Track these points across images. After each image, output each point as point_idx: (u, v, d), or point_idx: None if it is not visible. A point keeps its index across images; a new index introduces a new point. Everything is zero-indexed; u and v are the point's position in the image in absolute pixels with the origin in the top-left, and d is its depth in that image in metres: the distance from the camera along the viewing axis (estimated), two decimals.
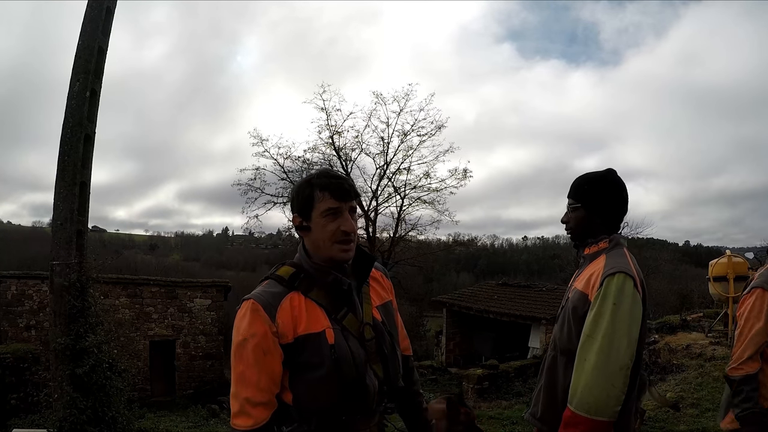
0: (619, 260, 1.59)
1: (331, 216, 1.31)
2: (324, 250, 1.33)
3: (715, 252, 28.65)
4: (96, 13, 5.11)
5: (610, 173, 1.72)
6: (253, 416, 1.26)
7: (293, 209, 1.38)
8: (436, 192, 19.53)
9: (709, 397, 5.17)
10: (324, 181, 1.33)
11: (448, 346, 14.41)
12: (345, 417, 1.31)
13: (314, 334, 1.29)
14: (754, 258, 8.36)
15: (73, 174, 4.97)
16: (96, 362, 4.72)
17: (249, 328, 1.26)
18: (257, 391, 1.26)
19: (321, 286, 1.34)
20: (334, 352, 1.28)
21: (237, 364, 1.27)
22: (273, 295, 1.30)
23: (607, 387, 1.45)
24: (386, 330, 1.42)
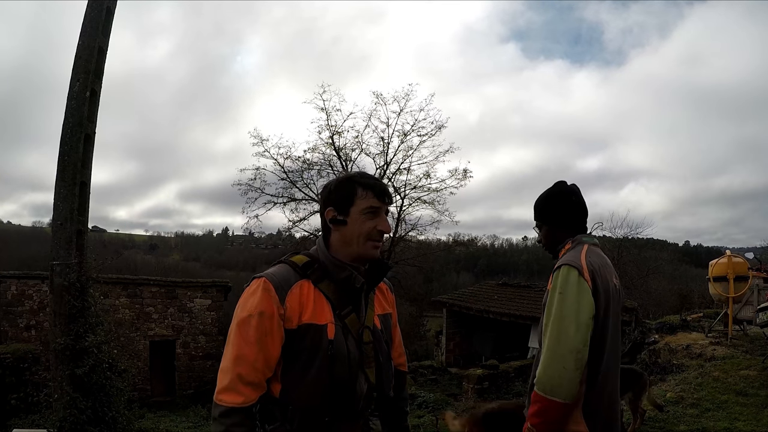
0: (570, 255, 1.72)
1: (370, 214, 1.35)
2: (356, 246, 1.35)
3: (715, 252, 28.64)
4: (96, 13, 5.11)
5: (558, 186, 1.90)
6: (244, 394, 1.24)
7: (328, 202, 1.37)
8: (436, 192, 19.52)
9: (709, 397, 5.17)
10: (368, 181, 1.38)
11: (448, 346, 14.40)
12: (328, 418, 1.30)
13: (317, 326, 1.29)
14: (754, 258, 8.37)
15: (73, 174, 4.97)
16: (96, 362, 4.72)
17: (257, 306, 1.25)
18: (252, 369, 1.24)
19: (332, 280, 1.34)
20: (332, 348, 1.28)
21: (237, 339, 1.25)
22: (285, 278, 1.30)
23: (559, 369, 1.55)
24: (383, 339, 1.42)
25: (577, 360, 1.55)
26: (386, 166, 19.48)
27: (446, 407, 8.17)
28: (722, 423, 4.44)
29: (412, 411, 8.42)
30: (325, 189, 1.42)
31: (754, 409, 4.69)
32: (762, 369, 5.73)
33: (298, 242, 20.08)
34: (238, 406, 1.24)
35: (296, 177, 19.07)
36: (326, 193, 1.40)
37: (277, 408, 1.30)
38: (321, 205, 1.42)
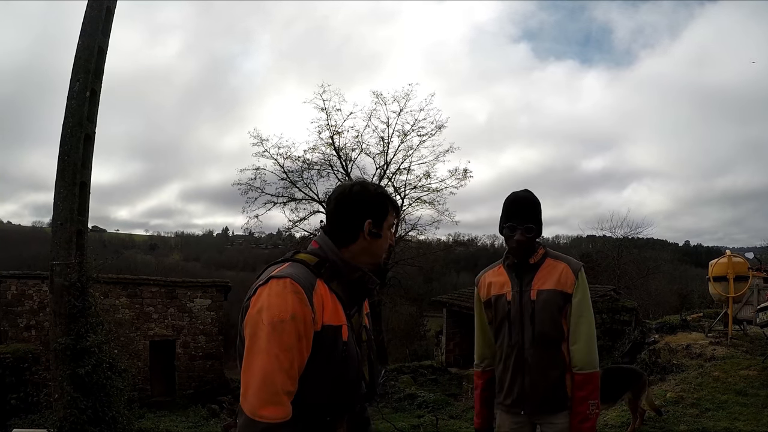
0: (569, 258, 2.15)
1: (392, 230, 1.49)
2: (378, 258, 1.45)
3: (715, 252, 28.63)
4: (96, 13, 5.11)
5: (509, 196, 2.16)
6: (286, 405, 1.18)
7: (367, 215, 1.38)
8: (436, 192, 19.53)
9: (709, 397, 5.17)
10: (394, 201, 1.50)
11: (448, 346, 14.40)
12: (330, 417, 1.29)
13: (334, 327, 1.27)
14: (754, 258, 8.37)
15: (73, 174, 4.97)
16: (96, 362, 4.72)
17: (290, 309, 1.19)
18: (289, 378, 1.18)
19: (341, 281, 1.33)
20: (345, 350, 1.28)
21: (268, 345, 1.17)
22: (308, 279, 1.26)
23: (595, 346, 2.05)
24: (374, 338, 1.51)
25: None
26: (386, 166, 19.49)
27: (446, 407, 8.18)
28: (722, 423, 4.44)
29: (412, 411, 8.42)
30: (359, 200, 1.40)
31: (754, 409, 4.69)
32: (762, 369, 5.73)
33: (298, 242, 20.07)
34: (282, 420, 1.17)
35: (296, 177, 19.08)
36: (362, 204, 1.39)
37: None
38: (353, 212, 1.39)
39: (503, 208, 2.14)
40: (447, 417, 6.99)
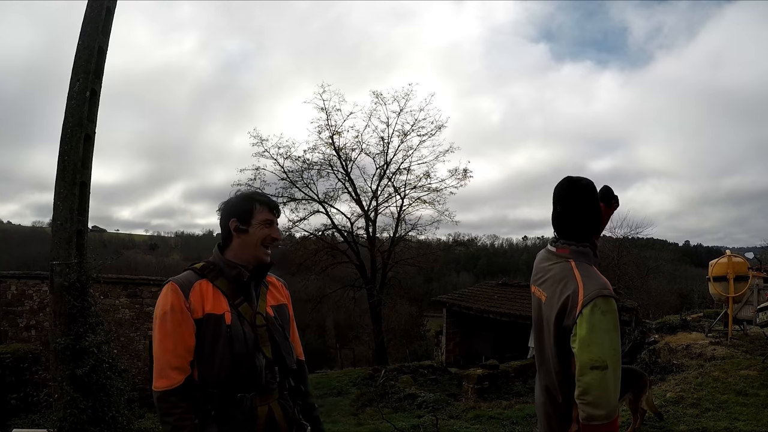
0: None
1: (266, 225, 1.68)
2: (253, 250, 1.67)
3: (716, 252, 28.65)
4: (96, 13, 5.11)
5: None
6: (170, 377, 1.51)
7: (232, 214, 1.67)
8: (436, 192, 19.54)
9: (709, 397, 5.17)
10: (263, 198, 1.73)
11: (448, 346, 14.40)
12: (240, 394, 1.56)
13: (216, 315, 1.57)
14: (754, 258, 8.37)
15: (73, 174, 4.96)
16: (96, 362, 4.71)
17: (168, 303, 1.54)
18: (174, 356, 1.51)
19: (225, 277, 1.64)
20: (230, 331, 1.56)
21: (157, 333, 1.53)
22: (187, 279, 1.61)
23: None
24: (278, 323, 1.71)
25: None
26: (386, 165, 19.50)
27: (446, 407, 8.17)
28: (722, 423, 4.44)
29: (412, 411, 8.42)
30: (227, 204, 1.71)
31: (754, 409, 4.69)
32: (762, 369, 5.73)
33: (298, 242, 20.08)
34: (168, 388, 1.51)
35: (296, 177, 19.08)
36: (227, 208, 1.70)
37: (198, 390, 1.55)
38: (222, 217, 1.70)
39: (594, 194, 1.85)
40: (447, 417, 6.99)
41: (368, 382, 11.73)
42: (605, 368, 1.56)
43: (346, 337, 25.76)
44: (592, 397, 1.56)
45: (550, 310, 1.76)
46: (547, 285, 1.81)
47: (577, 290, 1.66)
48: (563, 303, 1.68)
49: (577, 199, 1.79)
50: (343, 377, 13.03)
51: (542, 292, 1.83)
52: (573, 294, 1.66)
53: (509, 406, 7.19)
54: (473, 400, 8.88)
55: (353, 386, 11.72)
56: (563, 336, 1.68)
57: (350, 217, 19.87)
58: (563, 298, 1.68)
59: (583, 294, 1.64)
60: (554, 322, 1.71)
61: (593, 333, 1.58)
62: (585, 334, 1.59)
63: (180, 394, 1.51)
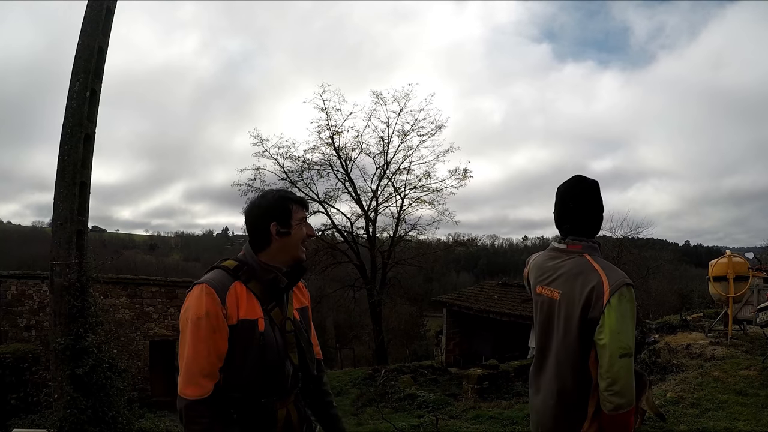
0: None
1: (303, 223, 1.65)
2: (293, 251, 1.62)
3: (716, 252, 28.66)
4: (96, 13, 5.11)
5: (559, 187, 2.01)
6: (202, 385, 1.46)
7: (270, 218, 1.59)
8: (436, 192, 19.54)
9: (709, 397, 5.17)
10: (295, 196, 1.68)
11: (448, 346, 14.39)
12: (264, 399, 1.55)
13: (251, 321, 1.52)
14: (754, 258, 8.36)
15: (73, 174, 4.97)
16: (96, 362, 4.71)
17: (204, 307, 1.46)
18: (207, 363, 1.46)
19: (259, 281, 1.58)
20: (263, 339, 1.52)
21: (190, 338, 1.46)
22: (222, 281, 1.53)
23: None
24: (303, 328, 1.69)
25: None
26: (386, 165, 19.49)
27: (446, 407, 8.17)
28: (722, 423, 4.44)
29: (412, 411, 8.42)
30: (260, 207, 1.63)
31: (754, 409, 4.69)
32: (762, 369, 5.73)
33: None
34: (199, 398, 1.45)
35: (296, 177, 19.07)
36: (264, 211, 1.61)
37: (221, 395, 1.51)
38: (258, 220, 1.61)
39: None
40: (447, 417, 6.99)
41: (368, 382, 11.73)
42: (631, 355, 1.60)
43: (346, 337, 25.75)
44: (620, 386, 1.59)
45: (570, 305, 1.72)
46: (560, 282, 1.79)
47: (601, 281, 1.67)
48: (588, 296, 1.67)
49: (590, 196, 1.84)
50: (343, 377, 13.03)
51: (554, 290, 1.79)
52: (597, 285, 1.66)
53: (509, 406, 7.19)
54: (473, 400, 8.88)
55: (353, 386, 11.72)
56: (588, 330, 1.67)
57: (350, 217, 19.90)
58: (587, 291, 1.67)
59: (608, 284, 1.65)
60: (579, 317, 1.69)
61: (622, 321, 1.61)
62: (614, 323, 1.60)
63: (208, 403, 1.47)
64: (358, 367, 17.43)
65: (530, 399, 1.93)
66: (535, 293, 1.85)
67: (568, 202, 1.84)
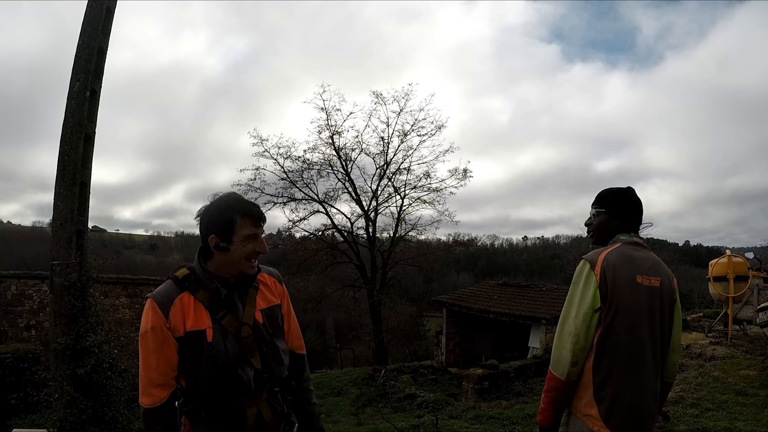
0: (596, 251, 1.88)
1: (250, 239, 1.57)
2: (237, 266, 1.58)
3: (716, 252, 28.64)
4: (96, 13, 5.11)
5: (629, 189, 2.06)
6: (154, 395, 1.52)
7: (211, 230, 1.56)
8: (436, 192, 19.54)
9: (709, 397, 5.17)
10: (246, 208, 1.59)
11: (448, 346, 14.40)
12: (228, 399, 1.57)
13: (198, 332, 1.53)
14: (754, 258, 8.37)
15: (73, 174, 4.97)
16: (96, 362, 4.72)
17: (150, 323, 1.52)
18: (157, 374, 1.52)
19: (206, 290, 1.57)
20: (211, 348, 1.53)
21: (141, 351, 1.53)
22: (168, 294, 1.55)
23: (560, 348, 1.77)
24: (266, 331, 1.64)
25: (573, 343, 1.73)
26: (386, 165, 19.49)
27: (446, 407, 8.17)
28: (722, 423, 4.44)
29: (412, 411, 8.42)
30: (205, 215, 1.59)
31: (754, 409, 4.69)
32: (762, 369, 5.73)
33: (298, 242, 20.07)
34: (151, 406, 1.52)
35: (296, 177, 19.06)
36: (205, 221, 1.58)
37: (188, 395, 1.58)
38: (202, 231, 1.58)
39: None
40: (447, 417, 6.99)
41: (368, 382, 11.74)
42: None
43: (346, 337, 25.75)
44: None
45: (670, 292, 1.89)
46: (654, 270, 1.88)
47: (671, 274, 1.92)
48: (674, 285, 1.92)
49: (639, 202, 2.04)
50: (343, 377, 13.03)
51: (653, 278, 1.86)
52: (672, 276, 1.93)
53: (509, 406, 7.20)
54: (473, 400, 8.88)
55: (353, 386, 11.72)
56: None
57: (350, 217, 19.89)
58: (673, 280, 1.92)
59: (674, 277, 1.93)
60: (674, 303, 1.89)
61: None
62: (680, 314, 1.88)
63: (163, 411, 1.53)
64: (358, 367, 17.44)
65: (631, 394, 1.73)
66: (638, 282, 1.83)
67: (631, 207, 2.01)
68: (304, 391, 1.81)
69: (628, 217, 2.00)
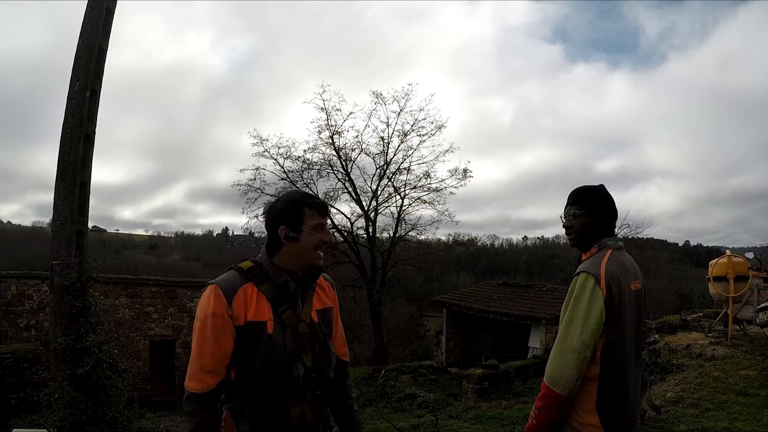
0: (592, 262, 1.83)
1: (318, 229, 1.62)
2: (306, 257, 1.62)
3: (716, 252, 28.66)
4: (96, 13, 5.10)
5: (602, 187, 2.01)
6: (205, 381, 1.53)
7: (280, 221, 1.61)
8: (436, 192, 19.54)
9: (709, 397, 5.17)
10: (313, 200, 1.64)
11: (448, 346, 14.40)
12: (275, 397, 1.57)
13: (258, 323, 1.55)
14: (754, 258, 8.37)
15: (73, 174, 4.96)
16: (96, 362, 4.71)
17: (211, 308, 1.52)
18: (210, 360, 1.52)
19: (272, 283, 1.60)
20: (270, 341, 1.55)
21: (197, 336, 1.53)
22: (232, 283, 1.57)
23: (561, 365, 1.73)
24: (320, 330, 1.68)
25: (578, 359, 1.71)
26: (386, 165, 19.48)
27: (446, 407, 8.17)
28: (722, 423, 4.44)
29: (412, 411, 8.42)
30: (272, 209, 1.65)
31: (754, 409, 4.69)
32: (762, 369, 5.73)
33: None
34: (199, 392, 1.53)
35: (296, 177, 19.05)
36: (275, 214, 1.64)
37: (234, 389, 1.57)
38: (270, 223, 1.63)
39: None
40: (447, 417, 6.99)
41: (368, 382, 11.73)
42: None
43: (346, 337, 25.73)
44: None
45: (646, 291, 1.97)
46: (636, 273, 1.93)
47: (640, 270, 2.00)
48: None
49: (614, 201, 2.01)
50: None
51: (637, 282, 1.90)
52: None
53: (509, 406, 7.20)
54: (473, 400, 8.89)
55: (353, 386, 11.72)
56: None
57: (350, 217, 19.89)
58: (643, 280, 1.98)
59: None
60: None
61: None
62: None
63: (209, 398, 1.54)
64: (358, 367, 17.42)
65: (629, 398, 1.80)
66: (631, 289, 1.85)
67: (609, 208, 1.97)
68: (346, 397, 1.84)
69: (609, 218, 1.96)
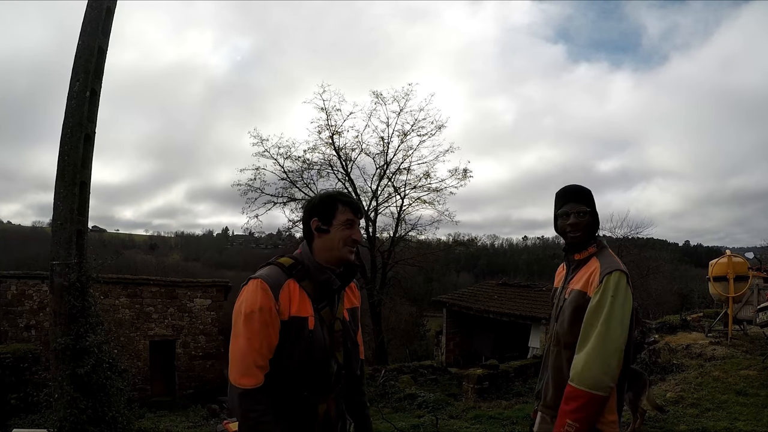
0: (612, 260, 1.87)
1: (348, 225, 1.66)
2: (336, 251, 1.65)
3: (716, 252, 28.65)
4: (96, 13, 5.10)
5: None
6: (256, 376, 1.53)
7: (313, 214, 1.66)
8: (436, 192, 19.54)
9: (709, 397, 5.17)
10: (346, 198, 1.70)
11: (448, 346, 14.40)
12: (307, 393, 1.60)
13: (300, 318, 1.58)
14: (754, 258, 8.37)
15: (73, 174, 4.96)
16: (96, 362, 4.71)
17: (258, 303, 1.52)
18: (260, 355, 1.53)
19: (312, 280, 1.63)
20: (311, 336, 1.58)
21: (244, 331, 1.53)
22: (277, 278, 1.58)
23: (604, 366, 1.72)
24: (351, 328, 1.74)
25: (619, 359, 1.74)
26: (386, 165, 19.48)
27: (446, 407, 8.17)
28: (722, 423, 4.44)
29: (412, 411, 8.41)
30: (309, 203, 1.72)
31: (754, 409, 4.69)
32: (762, 369, 5.73)
33: (298, 242, 20.03)
34: (254, 387, 1.52)
35: (296, 177, 19.05)
36: (309, 207, 1.70)
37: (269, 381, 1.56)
38: (305, 215, 1.70)
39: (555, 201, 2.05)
40: (447, 417, 6.99)
41: (368, 382, 11.73)
42: None
43: None
44: None
45: None
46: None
47: None
48: None
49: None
50: None
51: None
52: None
53: (509, 406, 7.20)
54: (473, 400, 8.88)
55: None
56: None
57: None
58: None
59: None
60: None
61: None
62: None
63: (262, 392, 1.54)
64: None
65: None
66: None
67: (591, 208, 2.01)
68: (361, 394, 1.88)
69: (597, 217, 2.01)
